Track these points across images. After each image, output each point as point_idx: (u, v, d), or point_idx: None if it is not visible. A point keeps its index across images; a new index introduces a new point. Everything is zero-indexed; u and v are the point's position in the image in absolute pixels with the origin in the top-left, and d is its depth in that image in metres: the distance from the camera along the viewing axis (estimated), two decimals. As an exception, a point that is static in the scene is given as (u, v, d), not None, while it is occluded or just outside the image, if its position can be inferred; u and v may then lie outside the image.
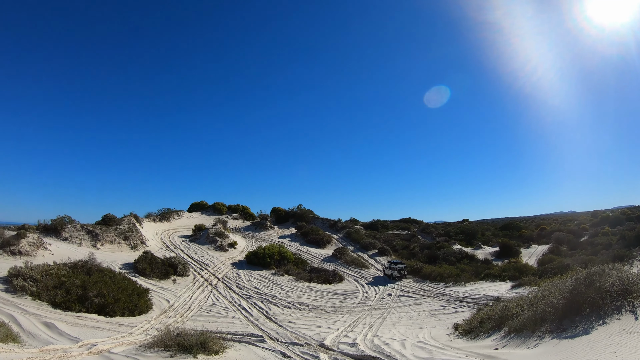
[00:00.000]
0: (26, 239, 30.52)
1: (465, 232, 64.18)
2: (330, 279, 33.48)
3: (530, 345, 10.04)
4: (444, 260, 41.90)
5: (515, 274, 33.20)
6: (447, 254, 43.76)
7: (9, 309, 18.11)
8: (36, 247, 30.64)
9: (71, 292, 20.49)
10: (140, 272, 29.31)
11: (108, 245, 38.01)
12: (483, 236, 62.81)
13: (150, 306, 22.52)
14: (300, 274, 34.14)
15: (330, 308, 25.39)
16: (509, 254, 45.63)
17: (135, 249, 38.64)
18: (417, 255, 44.87)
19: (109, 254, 35.21)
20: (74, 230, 37.75)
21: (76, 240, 36.73)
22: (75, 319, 18.39)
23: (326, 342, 14.59)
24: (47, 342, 13.47)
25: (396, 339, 15.57)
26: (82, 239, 37.21)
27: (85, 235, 37.81)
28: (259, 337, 15.82)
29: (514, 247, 47.67)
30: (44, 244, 31.87)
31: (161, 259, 31.79)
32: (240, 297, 27.04)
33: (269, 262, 36.76)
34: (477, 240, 58.81)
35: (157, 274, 29.49)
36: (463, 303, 25.96)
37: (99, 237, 38.10)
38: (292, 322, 20.60)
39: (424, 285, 33.06)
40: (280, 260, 37.31)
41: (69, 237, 36.83)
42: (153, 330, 17.07)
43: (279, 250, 38.34)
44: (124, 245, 39.15)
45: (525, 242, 56.35)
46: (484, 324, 14.83)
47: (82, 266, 25.12)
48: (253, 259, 37.79)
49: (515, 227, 73.57)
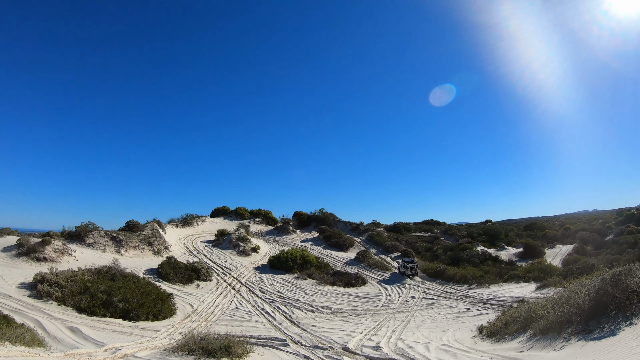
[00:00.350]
0: (51, 246, 30.83)
1: (489, 233, 63.51)
2: (353, 282, 33.33)
3: (556, 347, 9.88)
4: (468, 261, 41.50)
5: (539, 274, 32.82)
6: (470, 255, 43.31)
7: (34, 314, 18.28)
8: (61, 253, 30.92)
9: (96, 297, 20.64)
10: (163, 277, 29.44)
11: (132, 251, 38.26)
12: (506, 237, 62.00)
13: (174, 311, 22.58)
14: (323, 278, 34.03)
15: (353, 311, 25.25)
16: (533, 254, 44.99)
17: (158, 255, 38.83)
18: (440, 257, 44.48)
19: (132, 260, 35.42)
20: (97, 237, 38.05)
21: (100, 247, 37.02)
22: (99, 324, 18.51)
23: (350, 346, 14.48)
24: (72, 346, 13.54)
25: (420, 342, 15.42)
26: (106, 245, 37.49)
27: (109, 242, 38.09)
28: (282, 341, 15.76)
29: (538, 248, 46.91)
30: (68, 250, 32.17)
31: (184, 264, 31.90)
32: (264, 301, 27.00)
33: (292, 266, 36.68)
34: (501, 241, 58.06)
35: (181, 278, 29.59)
36: (487, 305, 25.68)
37: (123, 243, 38.35)
38: (316, 326, 20.52)
39: (448, 288, 32.77)
40: (303, 264, 37.22)
41: (93, 243, 37.12)
42: (177, 335, 17.11)
43: (302, 254, 38.24)
44: (148, 250, 39.37)
45: (550, 242, 55.44)
46: (509, 326, 14.63)
47: (106, 272, 25.31)
48: (276, 263, 37.76)
49: (539, 227, 72.53)
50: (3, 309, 17.84)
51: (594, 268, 27.04)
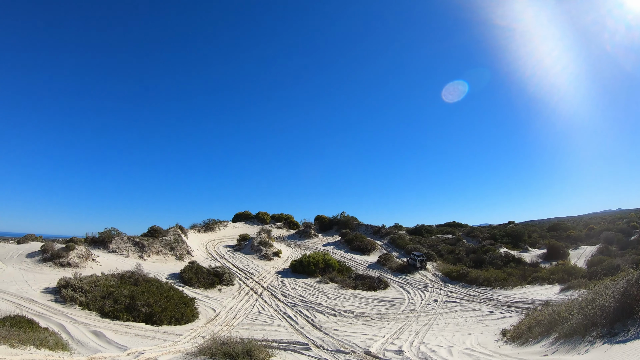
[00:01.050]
0: (75, 251, 31.20)
1: (512, 235, 62.77)
2: (376, 285, 33.16)
3: (581, 350, 9.74)
4: (490, 264, 41.04)
5: (563, 276, 32.41)
6: (493, 257, 42.84)
7: (58, 318, 18.48)
8: (84, 258, 31.28)
9: (119, 302, 20.83)
10: (186, 281, 29.60)
11: (154, 256, 38.53)
12: (530, 238, 61.25)
13: (196, 315, 22.67)
14: (345, 282, 33.92)
15: (375, 315, 25.13)
16: (556, 255, 44.46)
17: (181, 260, 39.06)
18: (462, 260, 44.07)
19: (155, 265, 35.68)
20: (121, 242, 38.40)
21: (123, 252, 37.34)
22: (123, 328, 18.65)
23: (372, 350, 14.39)
24: (96, 350, 13.63)
25: (443, 346, 15.29)
26: (129, 251, 37.81)
27: (132, 247, 38.41)
28: (304, 345, 15.70)
29: (561, 249, 46.29)
30: (92, 255, 32.53)
31: (207, 269, 32.02)
32: (286, 305, 26.97)
33: (314, 270, 36.63)
34: (524, 242, 57.43)
35: (203, 283, 29.72)
36: (511, 308, 25.41)
37: (146, 248, 38.65)
38: (338, 330, 20.44)
39: (470, 290, 32.46)
40: (325, 268, 37.15)
41: (116, 248, 37.47)
42: (199, 339, 17.15)
43: (324, 258, 38.17)
44: (170, 255, 39.62)
45: (574, 243, 54.61)
46: (533, 329, 14.45)
47: (129, 277, 25.54)
48: (298, 267, 37.74)
49: (562, 228, 71.42)
50: (28, 313, 18.07)
51: (619, 269, 26.51)
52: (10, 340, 10.22)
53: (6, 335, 10.54)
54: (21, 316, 16.58)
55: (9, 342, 10.00)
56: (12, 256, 30.72)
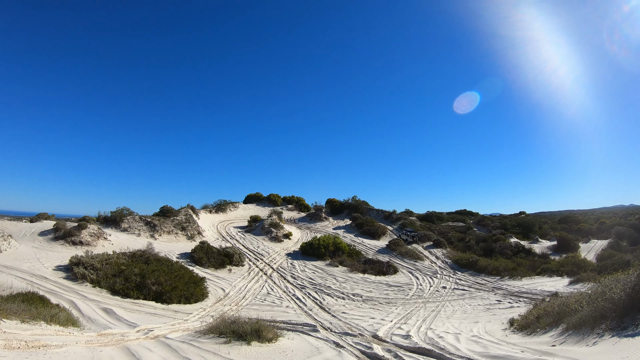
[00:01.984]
0: (87, 230, 31.46)
1: (522, 225, 62.40)
2: (385, 270, 33.21)
3: (589, 343, 9.68)
4: (500, 253, 41.03)
5: (573, 269, 32.25)
6: (503, 247, 42.75)
7: (69, 295, 18.65)
8: (96, 237, 31.54)
9: (130, 280, 20.98)
10: (196, 261, 29.81)
11: (165, 235, 38.81)
12: (540, 229, 60.85)
13: (206, 294, 22.83)
14: (354, 265, 34.02)
15: (384, 300, 25.16)
16: (567, 248, 44.17)
17: (192, 239, 39.32)
18: (472, 248, 44.00)
19: (166, 244, 35.93)
20: (132, 222, 38.71)
21: (135, 231, 37.65)
22: (133, 306, 18.80)
23: (379, 334, 14.37)
24: (106, 326, 13.74)
25: (450, 333, 15.24)
26: (141, 230, 38.11)
27: (143, 226, 38.72)
28: (312, 326, 15.74)
29: (572, 241, 45.97)
30: (103, 234, 32.79)
31: (217, 249, 32.22)
32: (295, 287, 27.09)
33: (324, 253, 36.74)
34: (535, 233, 57.04)
35: (213, 263, 29.91)
36: (519, 298, 25.33)
37: (157, 227, 38.94)
38: (346, 313, 20.48)
39: (479, 279, 32.42)
40: (334, 251, 37.25)
41: (128, 228, 37.79)
42: (208, 318, 17.28)
43: (334, 241, 38.25)
44: (181, 235, 39.89)
45: (584, 237, 54.19)
46: (541, 319, 14.38)
47: (140, 255, 25.71)
48: (308, 249, 37.88)
49: (573, 221, 70.84)
50: (39, 290, 18.27)
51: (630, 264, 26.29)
52: (21, 315, 10.33)
53: (17, 311, 10.65)
54: (33, 293, 16.75)
55: (20, 318, 10.11)
56: (25, 234, 31.03)
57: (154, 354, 9.14)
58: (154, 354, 9.13)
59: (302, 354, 10.36)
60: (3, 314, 9.72)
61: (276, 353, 10.14)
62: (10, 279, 19.91)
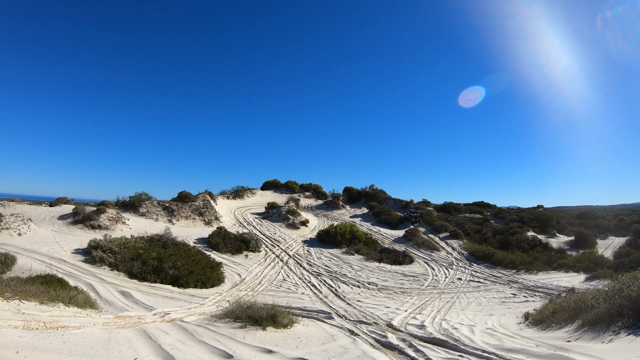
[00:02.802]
0: (105, 214, 31.77)
1: (540, 219, 61.63)
2: (400, 260, 33.18)
3: (605, 340, 9.62)
4: (517, 246, 40.71)
5: (590, 265, 32.01)
6: (520, 240, 42.40)
7: (88, 278, 18.85)
8: (115, 221, 31.84)
9: (147, 264, 21.16)
10: (213, 246, 29.97)
11: (183, 220, 39.07)
12: (558, 224, 60.08)
13: (222, 279, 22.97)
14: (370, 254, 34.04)
15: (399, 289, 25.15)
16: (584, 244, 43.78)
17: (209, 225, 39.55)
18: (489, 240, 43.66)
19: (183, 229, 36.18)
20: (150, 206, 39.00)
21: (153, 216, 37.93)
22: (150, 289, 18.97)
23: (394, 323, 14.37)
24: (123, 309, 13.87)
25: (464, 324, 15.21)
26: (159, 215, 38.40)
27: (161, 211, 39.00)
28: (327, 314, 15.74)
29: (589, 237, 45.58)
30: (122, 218, 33.10)
31: (234, 235, 32.37)
32: (310, 274, 27.17)
33: (340, 240, 36.75)
34: (552, 227, 56.39)
35: (230, 248, 30.06)
36: (534, 292, 25.20)
37: (175, 212, 39.21)
38: (361, 301, 20.51)
39: (495, 272, 32.26)
40: (351, 239, 37.25)
41: (146, 212, 38.09)
42: (224, 302, 17.36)
43: (351, 229, 38.25)
44: (199, 220, 40.13)
45: (602, 233, 53.47)
46: (556, 314, 14.31)
47: (158, 240, 25.93)
48: (324, 237, 37.94)
49: (591, 216, 69.93)
50: (58, 272, 18.49)
51: (647, 263, 26.02)
52: (40, 297, 10.46)
53: (36, 293, 10.78)
54: (51, 275, 16.96)
55: (39, 299, 10.24)
56: (45, 218, 31.41)
57: (170, 337, 9.21)
58: (170, 337, 9.20)
59: (317, 340, 10.38)
60: (22, 296, 9.85)
61: (291, 339, 10.18)
62: (29, 261, 20.17)
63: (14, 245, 23.10)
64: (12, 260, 19.20)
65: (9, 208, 32.17)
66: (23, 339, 6.57)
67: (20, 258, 20.21)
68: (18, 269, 18.67)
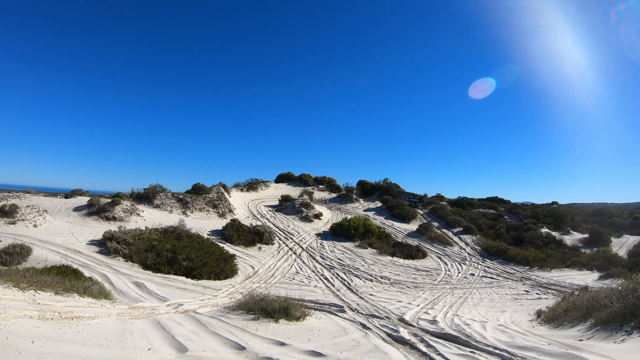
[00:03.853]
0: (120, 206, 32.00)
1: (554, 215, 61.06)
2: (414, 254, 33.12)
3: (617, 339, 9.56)
4: (530, 243, 40.42)
5: (603, 263, 31.66)
6: (533, 236, 42.09)
7: (102, 269, 19.02)
8: (129, 213, 32.07)
9: (161, 255, 21.31)
10: (227, 238, 30.10)
11: (197, 212, 39.24)
12: (572, 221, 59.41)
13: (235, 271, 23.10)
14: (383, 248, 33.99)
15: (411, 283, 25.12)
16: (598, 241, 43.21)
17: (223, 217, 39.71)
18: (502, 236, 43.42)
19: (197, 221, 36.35)
20: (165, 198, 39.23)
21: (167, 208, 38.14)
22: (163, 280, 19.12)
23: (406, 317, 14.37)
24: (137, 300, 14.00)
25: (477, 320, 15.20)
26: (173, 207, 38.60)
27: (175, 203, 39.21)
28: (339, 307, 15.77)
29: (604, 235, 44.89)
30: (136, 210, 33.31)
31: (248, 227, 32.48)
32: (323, 267, 27.21)
33: (353, 234, 36.72)
34: (566, 224, 55.77)
35: (244, 241, 30.17)
36: (547, 290, 25.06)
37: (189, 204, 39.39)
38: (373, 295, 20.52)
39: (508, 268, 32.14)
40: (364, 233, 37.20)
41: (160, 204, 38.31)
42: (237, 294, 17.44)
43: (364, 223, 38.19)
44: (213, 213, 40.28)
45: (617, 231, 52.62)
46: (569, 313, 14.22)
47: (172, 231, 26.10)
48: (337, 230, 37.91)
49: (606, 214, 69.06)
50: (73, 263, 18.70)
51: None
52: (55, 287, 10.57)
53: (52, 283, 10.90)
54: (66, 266, 17.15)
55: (54, 290, 10.34)
56: (60, 210, 31.68)
57: (184, 327, 9.27)
58: (183, 327, 9.26)
59: (329, 333, 10.41)
60: (38, 286, 9.96)
61: (303, 332, 10.21)
62: (45, 252, 20.40)
63: (30, 237, 23.38)
64: (27, 251, 19.45)
65: (25, 200, 32.49)
66: (38, 329, 6.65)
67: (35, 249, 20.46)
68: (34, 260, 18.91)
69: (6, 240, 21.33)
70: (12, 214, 26.42)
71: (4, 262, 18.08)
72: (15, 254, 18.72)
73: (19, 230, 24.86)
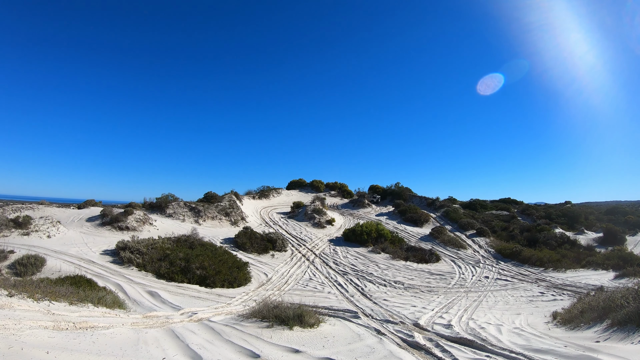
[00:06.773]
0: (133, 216, 32.17)
1: (568, 215, 60.53)
2: (427, 258, 32.98)
3: (634, 340, 9.53)
4: (544, 244, 40.12)
5: (619, 262, 31.36)
6: (547, 237, 41.79)
7: (116, 279, 19.07)
8: (142, 222, 32.22)
9: (174, 264, 21.36)
10: (240, 246, 30.16)
11: (209, 221, 39.36)
12: (586, 220, 58.82)
13: (248, 279, 23.09)
14: (396, 252, 33.89)
15: (425, 288, 25.00)
16: (613, 240, 42.77)
17: (235, 225, 39.79)
18: (516, 238, 43.14)
19: (210, 229, 36.44)
20: (177, 207, 39.41)
21: (179, 217, 38.30)
22: (177, 289, 19.13)
23: (421, 322, 14.29)
24: (151, 309, 14.01)
25: (492, 324, 15.09)
26: (185, 215, 38.76)
27: (188, 212, 39.38)
28: (353, 313, 15.71)
29: (619, 234, 44.32)
30: (149, 219, 33.48)
31: (260, 235, 32.54)
32: (337, 273, 27.15)
33: (366, 239, 36.68)
34: (580, 224, 55.16)
35: (256, 248, 30.21)
36: (562, 291, 24.86)
37: (201, 213, 39.53)
38: (387, 300, 20.42)
39: (522, 270, 31.91)
40: (377, 237, 37.12)
41: (172, 213, 38.48)
42: (251, 302, 17.43)
43: (377, 228, 38.12)
44: (225, 221, 40.37)
45: (632, 229, 51.93)
46: (585, 314, 14.13)
47: (185, 240, 26.16)
48: (350, 235, 37.90)
49: (620, 212, 68.13)
50: (87, 273, 18.79)
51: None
52: (69, 297, 10.60)
53: (66, 293, 10.94)
54: (80, 276, 17.23)
55: (69, 300, 10.37)
56: (73, 220, 31.90)
57: (198, 336, 9.26)
58: (197, 336, 9.25)
59: (344, 340, 10.37)
60: (52, 297, 9.99)
61: (318, 338, 10.18)
62: (59, 262, 20.53)
63: (44, 247, 23.51)
64: (41, 261, 19.56)
65: (39, 211, 32.75)
66: (53, 340, 6.66)
67: (49, 259, 20.57)
68: (48, 270, 19.03)
69: (20, 251, 21.46)
70: (26, 225, 26.63)
71: (19, 273, 18.22)
72: (30, 264, 18.85)
73: (32, 241, 25.03)
